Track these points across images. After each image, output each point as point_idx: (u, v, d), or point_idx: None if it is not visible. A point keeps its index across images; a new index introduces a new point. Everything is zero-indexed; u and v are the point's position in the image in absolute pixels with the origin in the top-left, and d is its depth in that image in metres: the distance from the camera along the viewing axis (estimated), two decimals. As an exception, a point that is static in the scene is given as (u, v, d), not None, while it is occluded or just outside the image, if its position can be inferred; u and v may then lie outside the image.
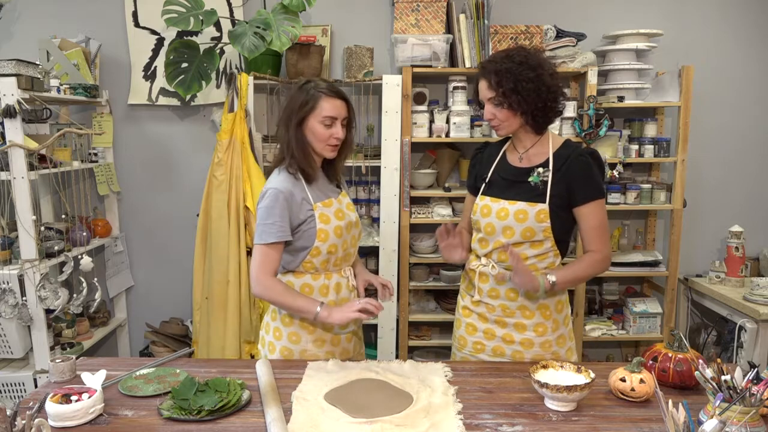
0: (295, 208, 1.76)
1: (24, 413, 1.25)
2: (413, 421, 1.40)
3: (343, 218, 1.84)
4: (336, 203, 1.85)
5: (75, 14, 3.16)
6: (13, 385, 2.58)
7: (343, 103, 1.78)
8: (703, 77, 3.16)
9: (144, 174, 3.30)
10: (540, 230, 1.77)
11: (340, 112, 1.76)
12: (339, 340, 1.87)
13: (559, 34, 2.98)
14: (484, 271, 1.86)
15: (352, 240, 1.89)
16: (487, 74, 1.76)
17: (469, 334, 1.92)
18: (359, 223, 1.95)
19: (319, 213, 1.79)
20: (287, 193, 1.74)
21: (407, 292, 3.05)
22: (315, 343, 1.84)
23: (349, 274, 1.90)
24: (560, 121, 2.99)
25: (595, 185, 1.77)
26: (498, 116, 1.78)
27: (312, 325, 1.82)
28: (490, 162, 1.91)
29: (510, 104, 1.74)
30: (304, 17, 3.04)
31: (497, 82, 1.72)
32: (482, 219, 1.84)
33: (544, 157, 1.81)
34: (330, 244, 1.79)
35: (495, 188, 1.86)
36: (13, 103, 2.33)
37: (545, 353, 1.84)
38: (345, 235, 1.83)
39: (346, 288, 1.87)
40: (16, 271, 2.43)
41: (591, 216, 1.78)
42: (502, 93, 1.73)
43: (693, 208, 3.29)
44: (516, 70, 1.71)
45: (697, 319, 3.35)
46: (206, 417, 1.42)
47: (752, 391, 1.29)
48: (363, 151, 3.02)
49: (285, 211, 1.73)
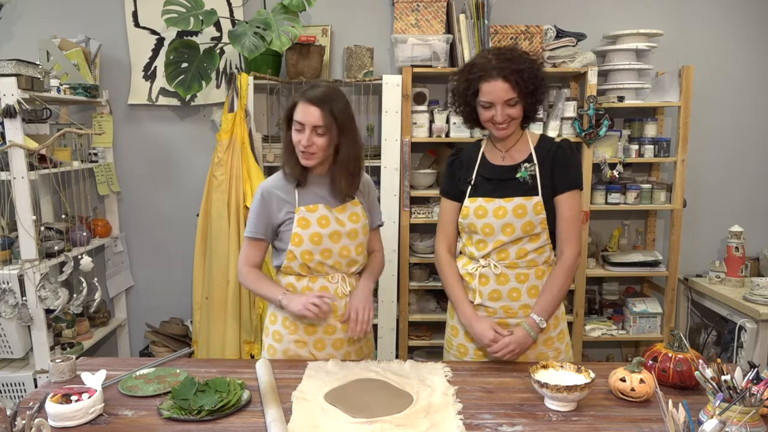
0: (274, 208, 1.81)
1: (24, 413, 1.25)
2: (413, 421, 1.40)
3: (327, 226, 1.79)
4: (325, 210, 1.80)
5: (75, 14, 3.16)
6: (13, 385, 2.58)
7: (316, 110, 1.69)
8: (703, 77, 3.16)
9: (144, 174, 3.30)
10: (538, 222, 1.79)
11: (309, 119, 1.69)
12: (324, 344, 1.84)
13: (559, 34, 2.98)
14: (485, 272, 1.84)
15: (342, 250, 1.81)
16: (507, 75, 1.71)
17: (469, 341, 1.89)
18: (360, 234, 1.85)
19: (299, 216, 1.78)
20: (267, 192, 1.83)
21: (407, 292, 3.05)
22: (296, 344, 1.85)
23: (339, 280, 1.83)
24: (560, 121, 2.99)
25: (575, 175, 1.83)
26: (513, 117, 1.77)
27: (294, 325, 1.84)
28: (470, 165, 1.89)
29: (526, 104, 1.76)
30: (304, 17, 3.04)
31: (518, 82, 1.71)
32: (478, 220, 1.82)
33: (526, 152, 1.84)
34: (303, 250, 1.77)
35: (482, 189, 1.84)
36: (13, 103, 2.33)
37: (548, 350, 1.85)
38: (327, 243, 1.78)
39: (333, 293, 1.82)
40: (16, 271, 2.43)
41: (568, 205, 1.81)
42: (523, 94, 1.73)
43: (693, 208, 3.29)
44: (536, 71, 1.74)
45: (697, 319, 3.35)
46: (206, 417, 1.42)
47: (752, 391, 1.29)
48: (363, 151, 3.01)
49: (262, 209, 1.83)
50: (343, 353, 1.86)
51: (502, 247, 1.81)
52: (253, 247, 1.86)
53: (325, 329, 1.83)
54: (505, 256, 1.81)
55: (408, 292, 3.06)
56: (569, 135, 2.99)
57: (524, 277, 1.82)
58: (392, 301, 2.98)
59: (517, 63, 1.72)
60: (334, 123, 1.72)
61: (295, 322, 1.84)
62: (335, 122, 1.72)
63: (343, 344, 1.85)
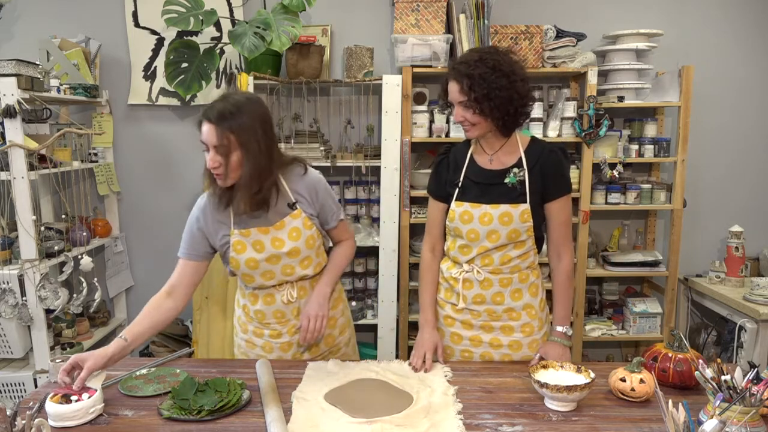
0: (211, 229, 1.74)
1: (24, 413, 1.25)
2: (413, 421, 1.40)
3: (263, 251, 1.71)
4: (258, 234, 1.70)
5: (75, 14, 3.16)
6: (13, 385, 2.58)
7: (212, 129, 1.57)
8: (703, 77, 3.16)
9: (144, 174, 3.30)
10: (524, 230, 1.77)
11: (208, 139, 1.58)
12: (271, 347, 1.83)
13: (559, 34, 2.98)
14: (469, 277, 1.83)
15: (285, 269, 1.74)
16: (458, 77, 1.69)
17: (455, 343, 1.90)
18: (304, 249, 1.74)
19: (234, 240, 1.71)
20: (202, 212, 1.76)
21: (407, 292, 3.05)
22: (247, 344, 1.87)
23: (287, 288, 1.78)
24: (560, 121, 2.99)
25: (566, 180, 1.82)
26: (468, 119, 1.74)
27: (243, 325, 1.87)
28: (458, 166, 1.86)
29: (481, 109, 1.70)
30: (304, 17, 3.04)
31: (469, 86, 1.67)
32: (463, 226, 1.80)
33: (515, 156, 1.81)
34: (243, 272, 1.75)
35: (470, 193, 1.81)
36: (13, 103, 2.33)
37: (533, 354, 1.85)
38: (265, 266, 1.73)
39: (281, 301, 1.79)
40: (16, 271, 2.43)
41: (561, 211, 1.81)
42: (474, 98, 1.68)
43: (693, 208, 3.29)
44: (489, 76, 1.66)
45: (697, 319, 3.35)
46: (206, 417, 1.42)
47: (752, 391, 1.29)
48: (363, 151, 3.02)
49: (197, 231, 1.75)
50: (292, 354, 1.85)
51: (486, 253, 1.80)
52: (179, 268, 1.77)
53: (271, 333, 1.83)
54: (489, 261, 1.81)
55: (408, 292, 3.06)
56: (569, 135, 2.99)
57: (508, 281, 1.82)
58: (392, 301, 2.98)
59: (472, 67, 1.67)
60: (235, 141, 1.58)
61: (246, 324, 1.86)
62: (236, 140, 1.58)
63: (291, 347, 1.84)
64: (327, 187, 1.83)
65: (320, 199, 1.79)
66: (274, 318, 1.81)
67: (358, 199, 3.19)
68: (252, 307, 1.82)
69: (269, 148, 1.66)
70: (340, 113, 3.23)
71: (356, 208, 3.21)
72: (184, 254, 1.77)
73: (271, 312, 1.80)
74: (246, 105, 1.62)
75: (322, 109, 3.22)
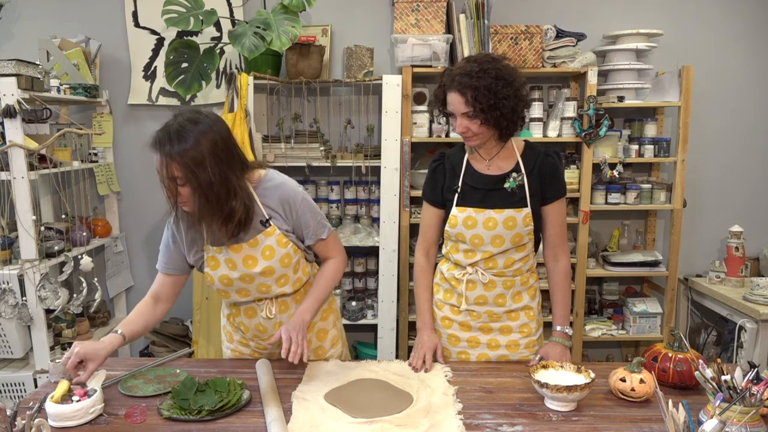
0: (185, 244, 1.72)
1: (24, 413, 1.25)
2: (413, 421, 1.40)
3: (235, 269, 1.65)
4: (229, 253, 1.64)
5: (75, 14, 3.16)
6: (13, 385, 2.58)
7: (160, 158, 1.46)
8: (703, 77, 3.16)
9: (144, 174, 3.30)
10: (526, 234, 1.78)
11: (159, 167, 1.49)
12: (260, 357, 1.84)
13: (559, 34, 2.98)
14: (472, 278, 1.83)
15: (260, 287, 1.69)
16: (462, 89, 1.66)
17: (452, 345, 1.90)
18: (278, 268, 1.67)
19: (208, 255, 1.68)
20: (175, 225, 1.73)
21: (407, 292, 3.05)
22: (233, 354, 1.89)
23: (266, 304, 1.74)
24: (560, 121, 2.99)
25: (562, 183, 1.84)
26: (472, 129, 1.71)
27: (229, 335, 1.89)
28: (455, 172, 1.84)
29: (487, 119, 1.68)
30: (304, 17, 3.04)
31: (474, 97, 1.65)
32: (467, 231, 1.79)
33: (512, 161, 1.81)
34: (218, 288, 1.72)
35: (471, 198, 1.80)
36: (13, 103, 2.33)
37: (530, 354, 1.87)
38: (239, 284, 1.68)
39: (261, 317, 1.76)
40: (16, 271, 2.43)
41: (557, 214, 1.83)
42: (480, 109, 1.66)
43: (693, 208, 3.29)
44: (495, 87, 1.64)
45: (697, 319, 3.35)
46: (206, 417, 1.42)
47: (752, 391, 1.29)
48: (363, 151, 3.02)
49: (168, 242, 1.74)
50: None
51: (490, 258, 1.80)
52: (159, 279, 1.76)
53: (256, 345, 1.84)
54: (492, 265, 1.81)
55: (408, 292, 3.06)
56: (569, 135, 2.99)
57: (510, 283, 1.83)
58: (392, 301, 2.98)
59: (475, 78, 1.64)
60: (188, 169, 1.47)
61: (231, 333, 1.87)
62: (187, 168, 1.46)
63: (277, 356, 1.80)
64: (305, 202, 1.70)
65: (298, 214, 1.67)
66: (257, 330, 1.80)
67: (358, 199, 3.19)
68: (235, 319, 1.82)
69: (223, 177, 1.50)
70: (340, 113, 3.23)
71: (356, 208, 3.20)
72: (162, 268, 1.76)
73: (253, 325, 1.79)
74: (194, 129, 1.47)
75: (322, 109, 3.22)
